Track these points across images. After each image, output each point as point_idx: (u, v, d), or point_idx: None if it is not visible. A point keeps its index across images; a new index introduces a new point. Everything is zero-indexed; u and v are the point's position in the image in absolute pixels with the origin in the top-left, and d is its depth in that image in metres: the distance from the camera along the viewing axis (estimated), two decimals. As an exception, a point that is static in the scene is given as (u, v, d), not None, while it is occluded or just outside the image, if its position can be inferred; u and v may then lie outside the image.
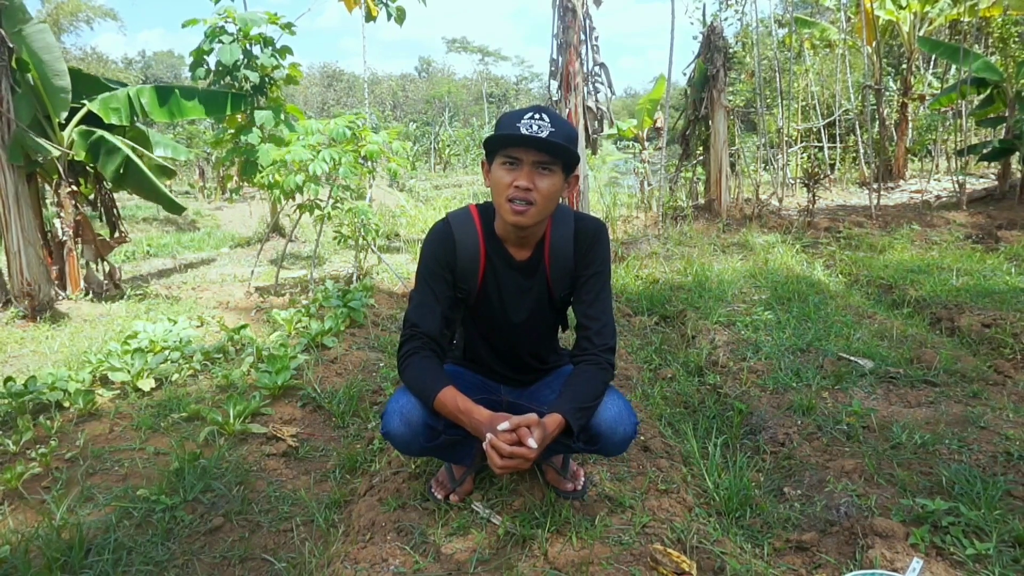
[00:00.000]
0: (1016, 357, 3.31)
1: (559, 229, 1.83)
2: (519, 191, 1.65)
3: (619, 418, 1.76)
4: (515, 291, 1.86)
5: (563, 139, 1.64)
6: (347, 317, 4.32)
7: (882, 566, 1.73)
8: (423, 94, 45.29)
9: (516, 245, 1.83)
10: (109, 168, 5.32)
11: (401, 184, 16.86)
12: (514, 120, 1.66)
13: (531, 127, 1.62)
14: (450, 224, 1.82)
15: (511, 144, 1.66)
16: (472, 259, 1.81)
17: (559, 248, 1.83)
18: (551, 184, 1.68)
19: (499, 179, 1.68)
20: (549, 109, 1.70)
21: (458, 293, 1.85)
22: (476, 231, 1.82)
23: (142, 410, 3.01)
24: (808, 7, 19.14)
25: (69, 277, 5.50)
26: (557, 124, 1.65)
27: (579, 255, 1.83)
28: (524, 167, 1.66)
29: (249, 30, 6.52)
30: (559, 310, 1.97)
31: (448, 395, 1.68)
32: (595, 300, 1.82)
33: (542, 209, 1.69)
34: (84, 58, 28.78)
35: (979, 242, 6.39)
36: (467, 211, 1.86)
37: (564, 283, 1.86)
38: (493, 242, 1.83)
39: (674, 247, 6.81)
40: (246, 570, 1.99)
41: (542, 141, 1.62)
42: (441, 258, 1.80)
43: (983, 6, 9.31)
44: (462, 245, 1.80)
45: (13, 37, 4.90)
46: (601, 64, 6.96)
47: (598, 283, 1.83)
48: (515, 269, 1.84)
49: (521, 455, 1.56)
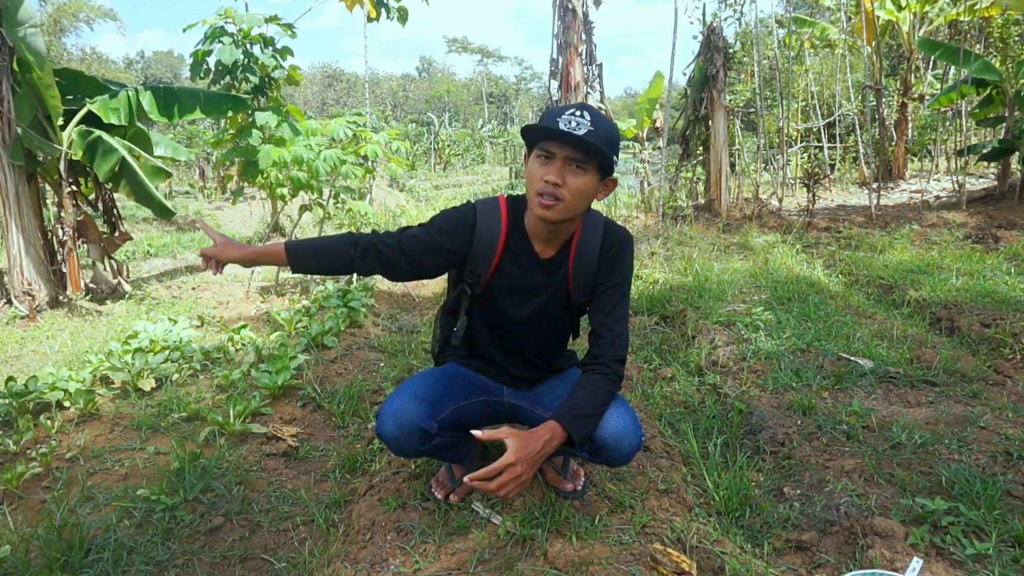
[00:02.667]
0: (1016, 357, 3.31)
1: (588, 233, 1.81)
2: (548, 186, 1.63)
3: (625, 431, 1.74)
4: (532, 286, 1.83)
5: (600, 140, 1.61)
6: (347, 317, 4.32)
7: (882, 566, 1.73)
8: (423, 94, 45.29)
9: (543, 241, 1.80)
10: (103, 168, 5.31)
11: (401, 184, 16.86)
12: (556, 115, 1.64)
13: (569, 123, 1.60)
14: (475, 208, 1.81)
15: (546, 138, 1.65)
16: (490, 246, 1.78)
17: (585, 252, 1.80)
18: (583, 183, 1.65)
19: (532, 171, 1.67)
20: (594, 109, 1.68)
21: (468, 278, 1.83)
22: (501, 220, 1.79)
23: (142, 410, 3.01)
24: (808, 7, 19.14)
25: (69, 277, 5.50)
26: (598, 124, 1.62)
27: (603, 262, 1.81)
28: (556, 162, 1.64)
29: (250, 31, 6.53)
30: (574, 315, 1.95)
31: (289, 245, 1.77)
32: (613, 310, 1.80)
33: (570, 206, 1.66)
34: (84, 59, 28.78)
35: (979, 242, 6.38)
36: (496, 200, 1.83)
37: (584, 288, 1.83)
38: (518, 234, 1.80)
39: (674, 247, 6.81)
40: (246, 570, 1.99)
41: (575, 138, 1.59)
42: (453, 226, 1.78)
43: (983, 6, 9.31)
44: (482, 230, 1.78)
45: (12, 38, 4.90)
46: (599, 64, 6.98)
47: (618, 293, 1.81)
48: (537, 265, 1.82)
49: (506, 481, 1.52)
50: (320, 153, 5.07)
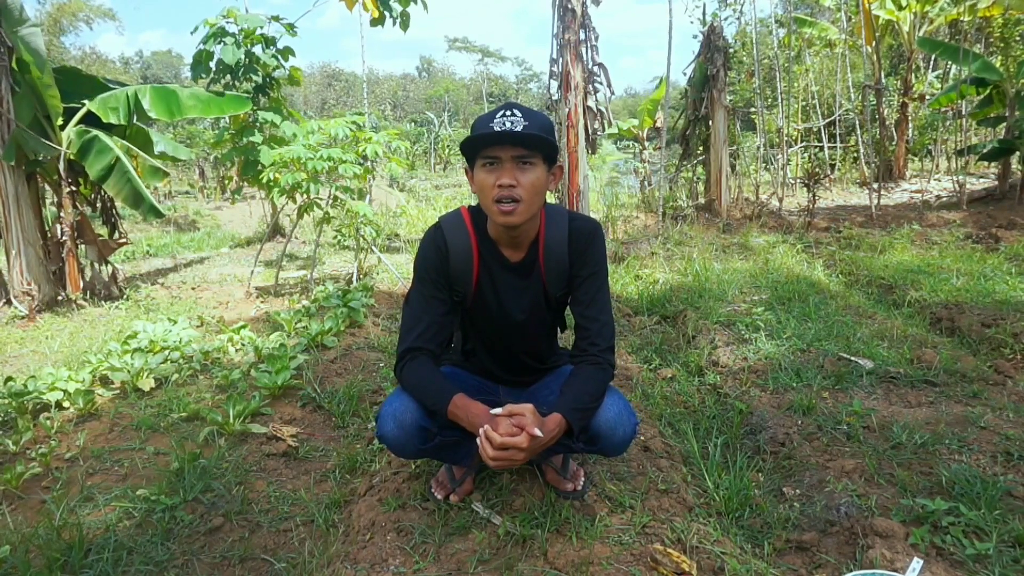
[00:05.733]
0: (1016, 357, 3.30)
1: (553, 229, 1.82)
2: (503, 190, 1.64)
3: (619, 418, 1.76)
4: (511, 292, 1.86)
5: (538, 130, 1.63)
6: (347, 317, 4.31)
7: (882, 566, 1.73)
8: (423, 94, 45.30)
9: (509, 246, 1.82)
10: (95, 167, 5.29)
11: (401, 184, 16.86)
12: (487, 121, 1.66)
13: (504, 124, 1.62)
14: (442, 228, 1.82)
15: (488, 144, 1.65)
16: (465, 262, 1.80)
17: (553, 248, 1.82)
18: (534, 178, 1.66)
19: (482, 181, 1.67)
20: (519, 104, 1.69)
21: (454, 296, 1.85)
22: (468, 233, 1.81)
23: (142, 410, 3.01)
24: (808, 7, 19.14)
25: (69, 277, 5.50)
26: (530, 117, 1.64)
27: (574, 255, 1.82)
28: (505, 164, 1.65)
29: (252, 31, 6.53)
30: (556, 310, 1.97)
31: (459, 401, 1.67)
32: (592, 301, 1.82)
33: (529, 204, 1.68)
34: (83, 58, 28.79)
35: (979, 242, 6.38)
36: (458, 214, 1.85)
37: (560, 283, 1.85)
38: (486, 244, 1.82)
39: (674, 247, 6.81)
40: (246, 570, 1.99)
41: (517, 135, 1.61)
42: (434, 264, 1.80)
43: (983, 6, 9.31)
44: (455, 249, 1.80)
45: (11, 37, 4.90)
46: (600, 64, 6.97)
47: (595, 283, 1.82)
48: (510, 270, 1.84)
49: (514, 444, 1.54)
50: (319, 152, 5.07)
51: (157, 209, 5.63)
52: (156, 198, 15.04)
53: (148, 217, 5.72)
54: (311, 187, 5.15)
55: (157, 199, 15.24)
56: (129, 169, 5.39)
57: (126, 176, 5.36)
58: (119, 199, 5.59)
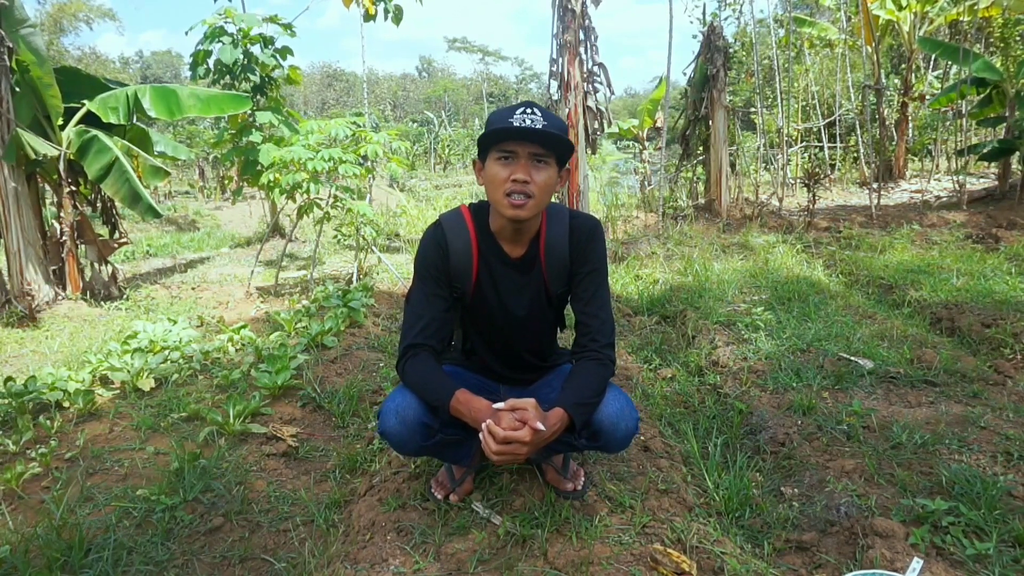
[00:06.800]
0: (1016, 357, 3.30)
1: (554, 226, 1.84)
2: (517, 184, 1.66)
3: (621, 414, 1.76)
4: (512, 288, 1.86)
5: (558, 131, 1.66)
6: (347, 317, 4.31)
7: (882, 566, 1.73)
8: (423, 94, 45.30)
9: (511, 242, 1.83)
10: (94, 167, 5.28)
11: (401, 184, 16.86)
12: (506, 116, 1.67)
13: (524, 121, 1.64)
14: (441, 226, 1.83)
15: (506, 138, 1.66)
16: (465, 259, 1.81)
17: (554, 245, 1.83)
18: (547, 176, 1.69)
19: (495, 174, 1.68)
20: (538, 104, 1.71)
21: (454, 292, 1.85)
22: (468, 230, 1.82)
23: (142, 410, 3.01)
24: (808, 7, 19.14)
25: (69, 277, 5.50)
26: (549, 118, 1.67)
27: (575, 252, 1.84)
28: (520, 160, 1.66)
29: (249, 31, 6.53)
30: (556, 307, 1.98)
31: (462, 396, 1.67)
32: (592, 297, 1.83)
33: (539, 202, 1.70)
34: (82, 58, 28.79)
35: (979, 242, 6.38)
36: (458, 212, 1.86)
37: (560, 280, 1.87)
38: (487, 240, 1.83)
39: (674, 247, 6.81)
40: (246, 570, 1.99)
41: (538, 132, 1.63)
42: (434, 261, 1.81)
43: (983, 6, 9.31)
44: (454, 246, 1.81)
45: (11, 37, 4.90)
46: (600, 64, 6.97)
47: (595, 280, 1.84)
48: (510, 266, 1.85)
49: (517, 439, 1.54)
50: (319, 153, 5.07)
51: (154, 209, 5.63)
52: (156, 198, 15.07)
53: (146, 217, 5.71)
54: (311, 187, 5.16)
55: (157, 199, 15.26)
56: (127, 169, 5.38)
57: (124, 176, 5.36)
58: (117, 199, 5.59)
